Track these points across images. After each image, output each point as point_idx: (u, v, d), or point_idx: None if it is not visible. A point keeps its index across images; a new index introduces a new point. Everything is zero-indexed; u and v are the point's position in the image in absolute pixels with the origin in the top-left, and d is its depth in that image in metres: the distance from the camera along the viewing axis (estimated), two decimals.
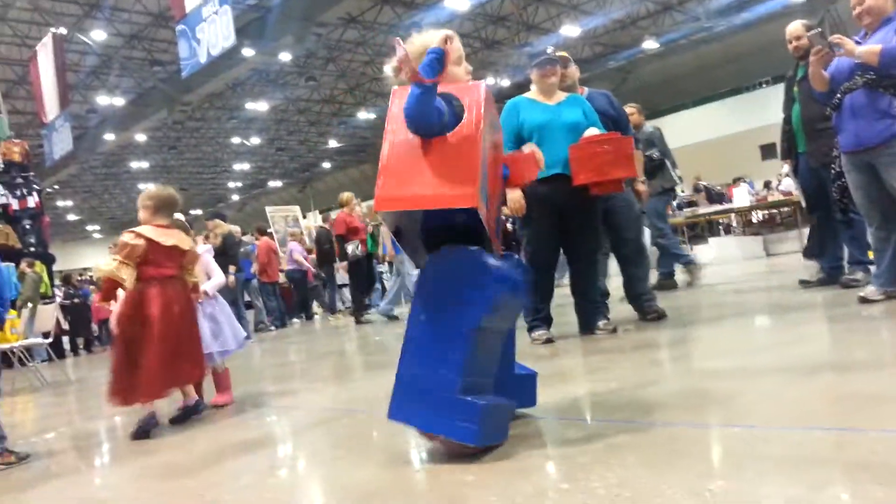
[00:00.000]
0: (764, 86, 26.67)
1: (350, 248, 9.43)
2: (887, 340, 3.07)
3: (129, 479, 2.68)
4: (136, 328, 3.51)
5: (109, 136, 27.68)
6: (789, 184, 13.68)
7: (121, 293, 3.61)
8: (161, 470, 2.76)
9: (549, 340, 4.42)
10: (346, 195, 9.64)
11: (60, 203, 40.92)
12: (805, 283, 5.17)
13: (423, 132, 2.19)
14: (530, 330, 4.54)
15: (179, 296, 3.67)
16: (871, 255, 4.43)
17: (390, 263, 10.94)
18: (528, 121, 4.34)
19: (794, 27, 4.95)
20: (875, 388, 2.22)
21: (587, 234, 4.46)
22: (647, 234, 6.32)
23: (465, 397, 2.11)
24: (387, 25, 23.89)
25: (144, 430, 3.43)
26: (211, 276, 4.19)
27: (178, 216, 4.25)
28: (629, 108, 6.42)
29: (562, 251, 4.59)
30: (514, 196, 4.21)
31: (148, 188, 3.87)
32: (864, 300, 3.92)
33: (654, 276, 6.56)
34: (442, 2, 21.77)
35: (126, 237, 3.58)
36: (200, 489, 2.31)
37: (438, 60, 2.23)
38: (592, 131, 4.26)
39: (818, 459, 1.67)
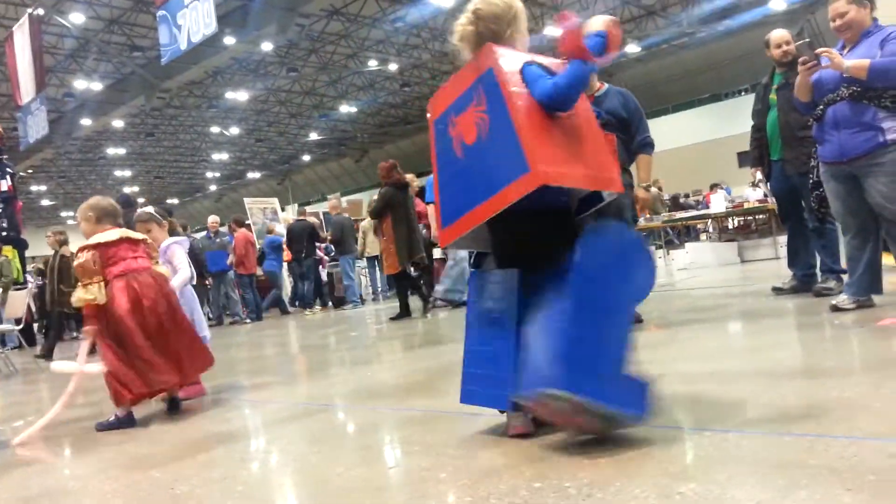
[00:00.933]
0: (743, 93, 26.98)
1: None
2: (857, 349, 3.12)
3: (96, 469, 2.64)
4: (110, 327, 3.44)
5: (86, 122, 27.28)
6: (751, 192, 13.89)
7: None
8: (130, 461, 2.73)
9: None
10: (408, 176, 8.80)
11: (34, 188, 40.27)
12: (777, 290, 5.24)
13: (562, 108, 2.12)
14: None
15: (149, 289, 3.56)
16: (844, 263, 4.50)
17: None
18: None
19: (782, 33, 5.00)
20: (845, 394, 2.25)
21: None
22: None
23: (634, 375, 2.10)
24: (371, 19, 23.81)
25: (115, 426, 3.38)
26: (176, 270, 4.07)
27: (150, 209, 4.19)
28: None
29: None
30: None
31: (87, 201, 3.76)
32: (836, 308, 3.98)
33: None
34: None
35: (76, 260, 3.51)
36: (170, 481, 2.29)
37: (604, 44, 2.18)
38: None
39: (789, 464, 1.69)
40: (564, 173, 2.06)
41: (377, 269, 12.70)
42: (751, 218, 12.55)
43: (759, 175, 5.36)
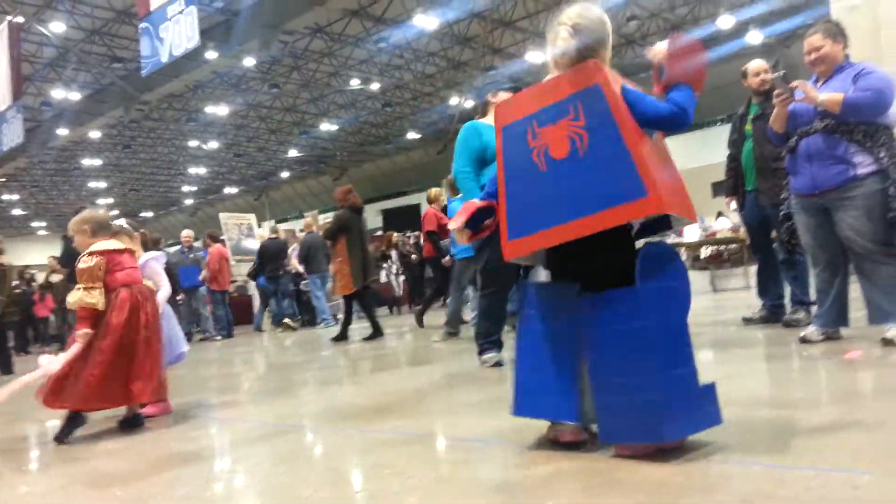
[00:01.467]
0: (718, 124, 27.43)
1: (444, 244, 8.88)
2: (825, 380, 3.16)
3: (57, 486, 2.57)
4: (97, 334, 3.39)
5: (62, 131, 26.96)
6: (724, 222, 14.06)
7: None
8: (92, 478, 2.66)
9: (499, 364, 4.42)
10: (434, 191, 8.93)
11: (6, 197, 39.63)
12: (747, 321, 5.27)
13: (674, 127, 2.20)
14: (481, 353, 4.53)
15: (147, 302, 3.56)
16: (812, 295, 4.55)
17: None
18: (492, 143, 4.38)
19: (760, 63, 5.07)
20: (812, 425, 2.27)
21: (504, 267, 4.48)
22: None
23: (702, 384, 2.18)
24: (354, 38, 23.91)
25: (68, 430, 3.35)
26: (159, 287, 4.05)
27: (121, 222, 4.15)
28: None
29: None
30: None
31: (80, 214, 3.71)
32: (805, 340, 4.03)
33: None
34: (411, 19, 21.89)
35: (81, 263, 3.46)
36: (132, 500, 2.24)
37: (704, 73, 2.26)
38: None
39: (755, 494, 1.70)
40: (673, 202, 2.11)
41: None
42: (723, 248, 12.71)
43: (733, 205, 5.40)
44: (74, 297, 3.43)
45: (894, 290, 3.69)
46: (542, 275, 2.37)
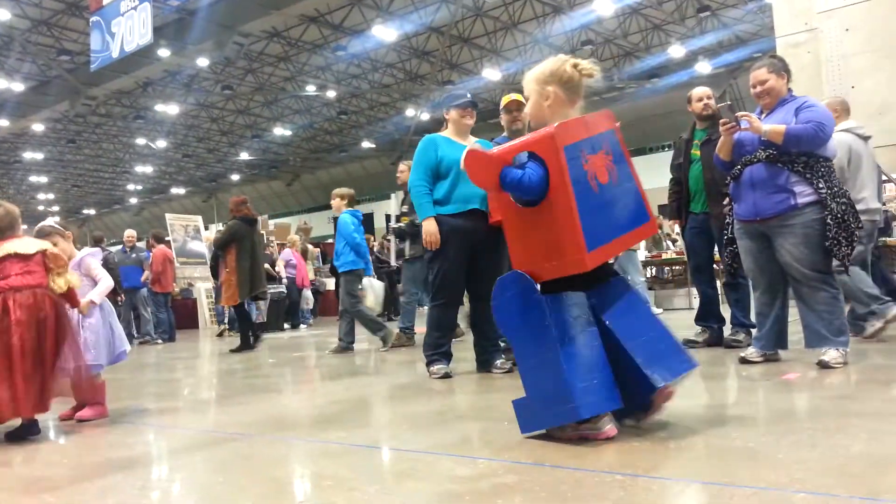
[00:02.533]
0: (666, 149, 28.14)
1: None
2: (763, 400, 3.25)
3: None
4: None
5: (3, 122, 26.06)
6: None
7: None
8: (21, 483, 2.56)
9: (447, 375, 4.42)
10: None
11: None
12: (691, 343, 5.32)
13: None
14: (429, 364, 4.53)
15: (23, 309, 3.31)
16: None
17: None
18: (447, 157, 4.41)
19: (704, 89, 5.24)
20: (750, 444, 2.33)
21: (496, 273, 4.51)
22: None
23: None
24: (312, 44, 23.79)
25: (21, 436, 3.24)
26: (96, 281, 3.92)
27: (49, 221, 4.01)
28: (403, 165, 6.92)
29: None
30: (430, 229, 4.30)
31: None
32: (745, 360, 4.14)
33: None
34: (370, 29, 21.90)
35: None
36: None
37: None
38: None
39: None
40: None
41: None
42: (667, 268, 12.99)
43: (676, 228, 5.51)
44: None
45: (830, 314, 3.83)
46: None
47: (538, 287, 2.53)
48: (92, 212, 47.20)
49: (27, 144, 32.25)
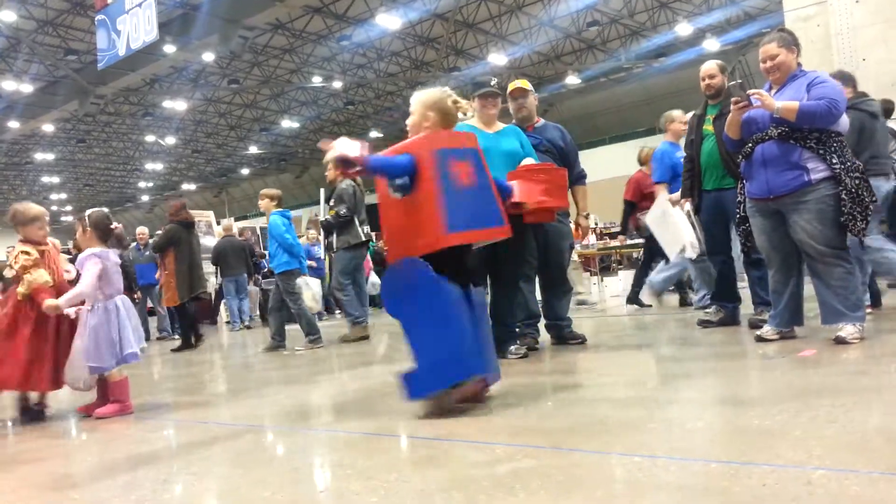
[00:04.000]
0: None
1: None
2: (780, 378, 3.23)
3: (11, 488, 2.49)
4: None
5: (14, 124, 26.20)
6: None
7: None
8: (47, 480, 2.59)
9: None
10: (646, 150, 7.87)
11: None
12: (705, 324, 5.28)
13: None
14: None
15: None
16: None
17: None
18: None
19: (710, 66, 5.10)
20: (768, 422, 2.32)
21: (515, 260, 4.53)
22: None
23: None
24: (316, 35, 23.73)
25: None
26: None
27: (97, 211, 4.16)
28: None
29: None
30: None
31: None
32: (761, 339, 4.12)
33: None
34: (374, 18, 21.81)
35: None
36: (87, 502, 2.18)
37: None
38: (528, 161, 4.38)
39: (714, 490, 1.73)
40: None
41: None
42: None
43: (687, 206, 5.38)
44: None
45: (846, 290, 3.81)
46: None
47: (429, 266, 2.93)
48: (105, 210, 47.50)
49: (38, 145, 32.44)
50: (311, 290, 7.13)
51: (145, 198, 47.16)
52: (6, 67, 23.07)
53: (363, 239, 7.29)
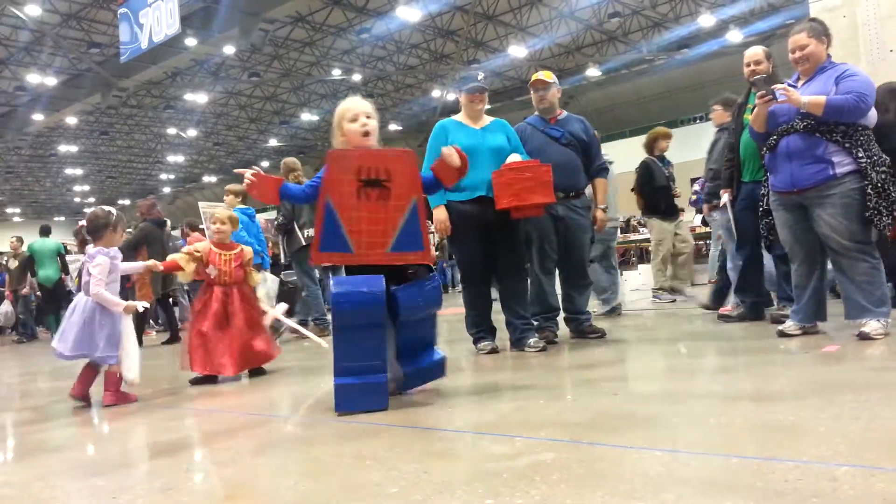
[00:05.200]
0: (697, 121, 27.65)
1: None
2: (803, 374, 3.20)
3: (34, 476, 2.54)
4: None
5: (38, 117, 26.53)
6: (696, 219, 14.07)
7: None
8: (71, 468, 2.63)
9: (494, 350, 4.54)
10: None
11: None
12: (725, 318, 5.24)
13: None
14: (475, 342, 4.66)
15: None
16: None
17: None
18: (455, 143, 4.42)
19: (755, 51, 4.89)
20: (791, 418, 2.30)
21: (511, 253, 4.56)
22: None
23: None
24: (336, 28, 23.77)
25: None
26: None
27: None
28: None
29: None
30: (440, 216, 4.43)
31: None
32: (783, 334, 4.09)
33: None
34: (394, 10, 21.79)
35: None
36: (113, 490, 2.21)
37: None
38: (514, 157, 4.39)
39: (736, 485, 1.72)
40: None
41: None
42: (701, 242, 12.82)
43: (726, 197, 5.24)
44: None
45: (870, 285, 3.76)
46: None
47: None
48: (127, 202, 47.95)
49: (62, 137, 32.84)
50: (265, 288, 7.19)
51: (167, 189, 47.57)
52: (31, 61, 23.38)
53: (304, 243, 7.42)
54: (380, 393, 3.02)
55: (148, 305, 4.34)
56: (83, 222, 4.29)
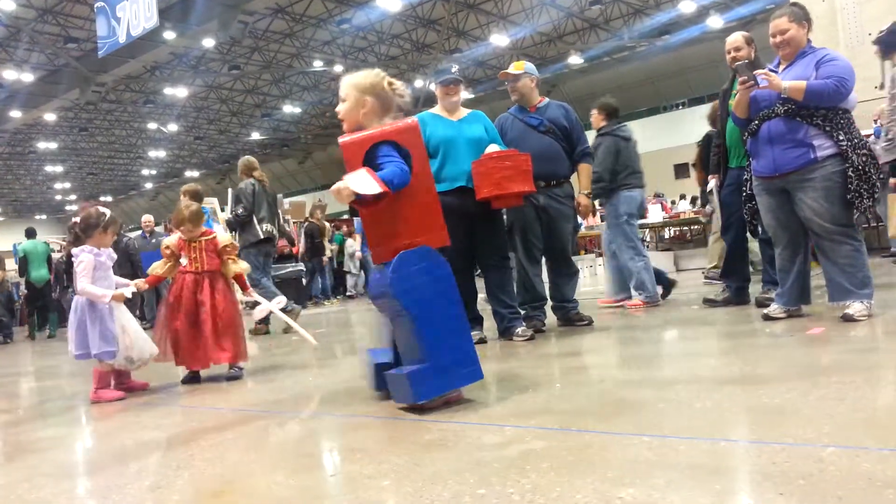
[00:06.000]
0: (680, 107, 27.78)
1: None
2: (788, 356, 3.24)
3: (21, 478, 2.51)
4: None
5: (15, 114, 26.20)
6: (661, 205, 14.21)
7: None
8: (58, 468, 2.61)
9: (482, 341, 4.52)
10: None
11: None
12: (710, 303, 5.30)
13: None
14: None
15: None
16: None
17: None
18: (433, 135, 4.43)
19: (735, 38, 4.91)
20: (777, 401, 2.33)
21: (494, 243, 4.57)
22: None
23: None
24: (316, 19, 23.61)
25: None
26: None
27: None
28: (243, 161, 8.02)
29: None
30: None
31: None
32: (768, 318, 4.13)
33: None
34: (374, 0, 21.65)
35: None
36: (100, 490, 2.20)
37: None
38: (493, 148, 4.38)
39: (724, 469, 1.74)
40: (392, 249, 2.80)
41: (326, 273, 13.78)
42: (686, 228, 12.91)
43: (713, 182, 5.31)
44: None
45: (853, 268, 3.80)
46: None
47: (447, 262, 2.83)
48: (109, 198, 47.55)
49: (40, 134, 32.45)
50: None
51: (149, 185, 47.19)
52: (7, 57, 23.03)
53: (262, 237, 7.44)
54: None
55: (135, 290, 4.23)
56: (77, 219, 4.29)
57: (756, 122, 3.97)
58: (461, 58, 25.98)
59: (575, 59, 28.04)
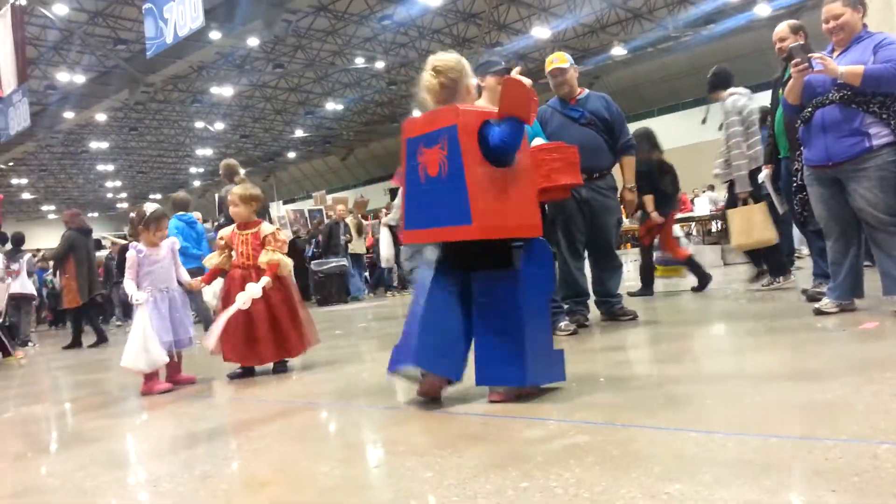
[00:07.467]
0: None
1: None
2: (840, 351, 3.15)
3: (76, 466, 2.60)
4: None
5: (69, 114, 26.94)
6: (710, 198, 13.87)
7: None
8: (111, 457, 2.69)
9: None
10: None
11: (15, 181, 39.80)
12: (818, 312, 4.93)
13: (504, 162, 2.70)
14: None
15: None
16: None
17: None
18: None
19: (780, 28, 4.82)
20: (829, 396, 2.27)
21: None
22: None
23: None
24: (358, 16, 23.74)
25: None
26: None
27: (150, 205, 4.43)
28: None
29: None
30: None
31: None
32: (819, 312, 4.01)
33: None
34: None
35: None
36: (153, 479, 2.26)
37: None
38: (538, 141, 4.32)
39: (774, 465, 1.70)
40: (498, 226, 2.70)
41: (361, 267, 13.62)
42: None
43: (764, 172, 5.18)
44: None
45: None
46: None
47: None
48: (158, 196, 48.63)
49: (92, 134, 33.34)
50: (213, 288, 7.21)
51: (197, 183, 48.13)
52: (60, 60, 23.71)
53: None
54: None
55: (146, 296, 4.20)
56: (133, 215, 4.55)
57: (809, 109, 3.85)
58: (502, 51, 25.82)
59: (618, 51, 27.60)
